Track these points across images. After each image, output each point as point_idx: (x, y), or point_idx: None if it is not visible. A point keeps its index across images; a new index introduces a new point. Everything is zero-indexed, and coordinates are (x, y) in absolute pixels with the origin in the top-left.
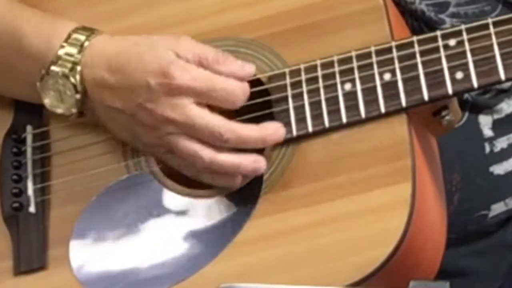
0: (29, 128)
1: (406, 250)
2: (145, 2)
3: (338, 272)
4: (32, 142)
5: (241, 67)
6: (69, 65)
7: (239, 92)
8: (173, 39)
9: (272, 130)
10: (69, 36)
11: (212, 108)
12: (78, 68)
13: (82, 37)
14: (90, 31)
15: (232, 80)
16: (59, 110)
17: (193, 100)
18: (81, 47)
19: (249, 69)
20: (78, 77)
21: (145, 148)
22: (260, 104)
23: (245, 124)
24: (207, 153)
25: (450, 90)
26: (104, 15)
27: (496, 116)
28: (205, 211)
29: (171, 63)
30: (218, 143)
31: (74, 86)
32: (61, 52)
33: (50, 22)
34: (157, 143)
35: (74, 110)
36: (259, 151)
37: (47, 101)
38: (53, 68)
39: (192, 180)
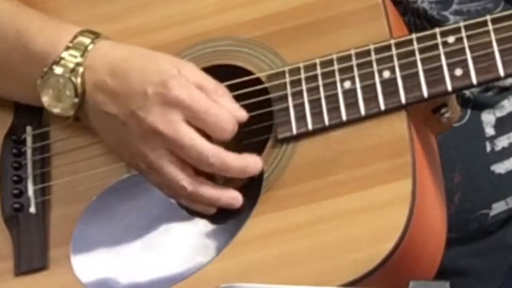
0: (28, 129)
1: (407, 246)
2: (145, 3)
3: (340, 268)
4: (32, 143)
5: (236, 107)
6: (72, 65)
7: (230, 124)
8: (179, 60)
9: (253, 163)
10: (74, 38)
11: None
12: (80, 69)
13: (87, 41)
14: (95, 35)
15: (227, 111)
16: (56, 110)
17: (185, 117)
18: (85, 50)
19: (242, 114)
20: (79, 78)
21: (129, 159)
22: (260, 103)
23: (230, 153)
24: (190, 183)
25: (449, 87)
26: (104, 15)
27: (498, 114)
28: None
29: (172, 77)
30: (202, 166)
31: (75, 86)
32: (64, 53)
33: (55, 25)
34: (141, 156)
35: (71, 112)
36: (258, 152)
37: (45, 99)
38: (55, 67)
39: None
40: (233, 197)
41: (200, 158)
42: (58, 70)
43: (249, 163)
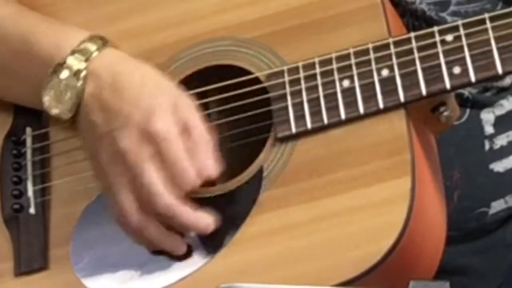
0: (28, 130)
1: (406, 244)
2: (145, 3)
3: (339, 266)
4: (32, 144)
5: (208, 165)
6: (75, 69)
7: (189, 186)
8: (182, 95)
9: (203, 225)
10: (81, 43)
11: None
12: (83, 73)
13: (93, 47)
14: (103, 41)
15: (193, 171)
16: (55, 111)
17: (153, 156)
18: (90, 55)
19: (213, 171)
20: (81, 82)
21: (94, 171)
22: (259, 102)
23: (184, 208)
24: (138, 221)
25: (448, 85)
26: (104, 16)
27: (498, 113)
28: (206, 209)
29: (162, 111)
30: (149, 209)
31: (75, 90)
32: (70, 56)
33: (61, 28)
34: (102, 176)
35: (69, 115)
36: (258, 151)
37: (46, 99)
38: (59, 69)
39: None
40: (176, 245)
41: (151, 201)
42: (61, 72)
43: (200, 223)
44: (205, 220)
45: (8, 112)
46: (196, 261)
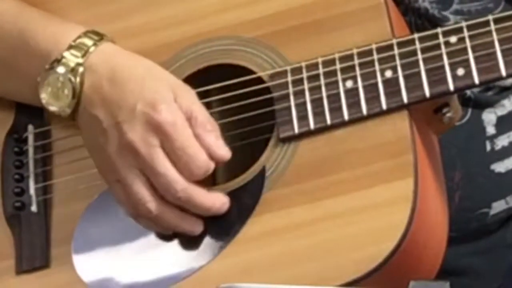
0: (30, 127)
1: (409, 246)
2: (146, 2)
3: (342, 267)
4: (34, 142)
5: (219, 145)
6: (73, 65)
7: (202, 169)
8: (181, 84)
9: (220, 203)
10: (77, 38)
11: None
12: (81, 69)
13: (89, 42)
14: (99, 36)
15: (204, 154)
16: (53, 108)
17: (162, 145)
18: (87, 51)
19: (225, 152)
20: (78, 78)
21: (100, 167)
22: (262, 102)
23: (199, 190)
24: (156, 207)
25: (451, 87)
26: (106, 15)
27: (499, 113)
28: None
29: (165, 101)
30: (168, 196)
31: (73, 86)
32: (66, 52)
33: (59, 24)
34: (112, 169)
35: (68, 111)
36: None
37: (43, 96)
38: (56, 65)
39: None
40: (194, 224)
41: (168, 189)
42: (58, 68)
43: (215, 203)
44: (220, 199)
45: (10, 110)
46: (199, 260)
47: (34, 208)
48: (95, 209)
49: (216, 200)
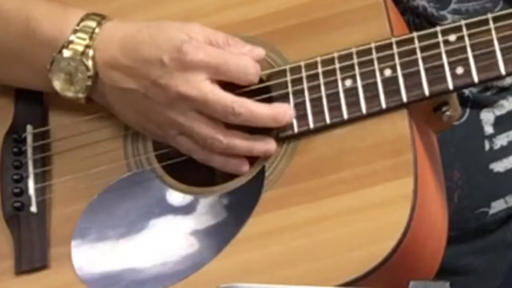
0: (29, 127)
1: (409, 245)
2: (146, 1)
3: (342, 266)
4: (33, 142)
5: (251, 49)
6: (81, 48)
7: (253, 67)
8: (184, 24)
9: (283, 110)
10: (80, 22)
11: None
12: (90, 52)
13: (93, 23)
14: (100, 17)
15: (245, 57)
16: (70, 94)
17: (206, 76)
18: (92, 32)
19: (259, 51)
20: (90, 61)
21: (156, 130)
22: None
23: (256, 102)
24: (224, 135)
25: (450, 85)
26: (106, 13)
27: (497, 113)
28: (207, 208)
29: (184, 41)
30: (230, 117)
31: (87, 68)
32: (72, 36)
33: (61, 10)
34: (169, 123)
35: (84, 94)
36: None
37: (56, 83)
38: (65, 51)
39: (193, 178)
40: (266, 141)
41: (226, 110)
42: (67, 53)
43: (278, 110)
44: (282, 107)
45: (8, 109)
46: (198, 260)
47: (33, 208)
48: (94, 209)
49: (278, 108)
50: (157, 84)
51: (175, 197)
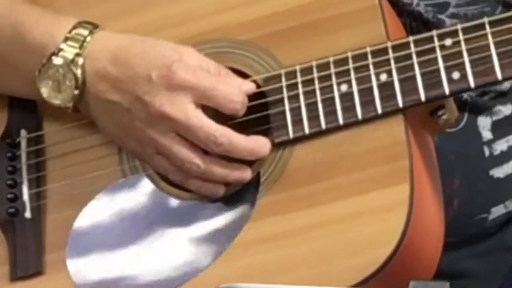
0: (23, 132)
1: (405, 251)
2: (142, 3)
3: (338, 273)
4: (27, 147)
5: (242, 81)
6: (71, 56)
7: (240, 96)
8: (179, 46)
9: (261, 143)
10: (72, 29)
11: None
12: (80, 60)
13: (85, 32)
14: (93, 26)
15: (234, 84)
16: (56, 101)
17: (192, 99)
18: (83, 41)
19: (250, 85)
20: (79, 69)
21: (134, 147)
22: (256, 107)
23: (237, 134)
24: (202, 161)
25: (447, 90)
26: (100, 16)
27: (495, 118)
28: (203, 214)
29: (175, 61)
30: (211, 145)
31: (75, 77)
32: (63, 44)
33: (52, 16)
34: (148, 142)
35: (71, 103)
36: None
37: (44, 90)
38: (54, 58)
39: None
40: (242, 170)
41: (208, 137)
42: (57, 61)
43: (256, 144)
44: (260, 139)
45: (2, 114)
46: (195, 266)
47: (27, 214)
48: (89, 215)
49: (257, 142)
50: (141, 100)
51: (171, 203)
